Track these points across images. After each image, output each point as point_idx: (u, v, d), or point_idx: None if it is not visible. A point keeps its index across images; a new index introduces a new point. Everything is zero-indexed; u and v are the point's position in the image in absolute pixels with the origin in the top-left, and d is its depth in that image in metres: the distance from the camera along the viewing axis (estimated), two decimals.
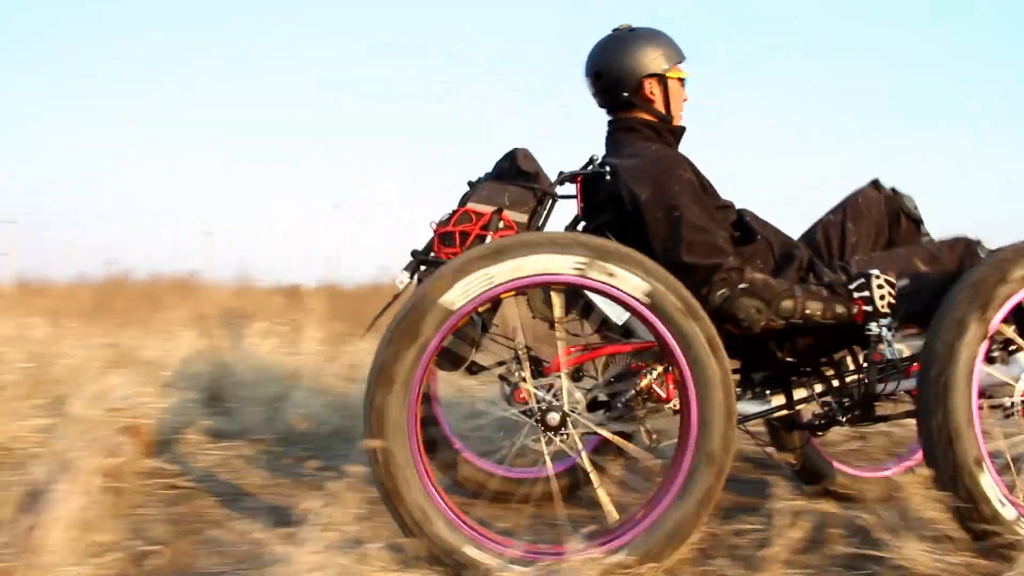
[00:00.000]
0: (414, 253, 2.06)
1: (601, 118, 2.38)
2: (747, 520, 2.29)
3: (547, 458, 1.97)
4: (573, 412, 1.92)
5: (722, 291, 1.95)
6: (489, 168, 2.21)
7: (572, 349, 2.01)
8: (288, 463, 3.17)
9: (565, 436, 1.92)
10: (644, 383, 1.97)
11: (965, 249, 2.18)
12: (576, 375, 2.06)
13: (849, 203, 2.33)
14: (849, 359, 2.22)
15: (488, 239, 1.97)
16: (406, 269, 2.04)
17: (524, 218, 2.04)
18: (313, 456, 3.22)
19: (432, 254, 2.05)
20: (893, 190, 2.35)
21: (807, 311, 1.98)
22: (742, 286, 1.96)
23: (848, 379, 2.19)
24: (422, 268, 2.06)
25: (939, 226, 2.33)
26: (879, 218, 2.29)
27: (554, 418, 1.90)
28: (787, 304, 1.97)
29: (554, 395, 1.92)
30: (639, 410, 2.00)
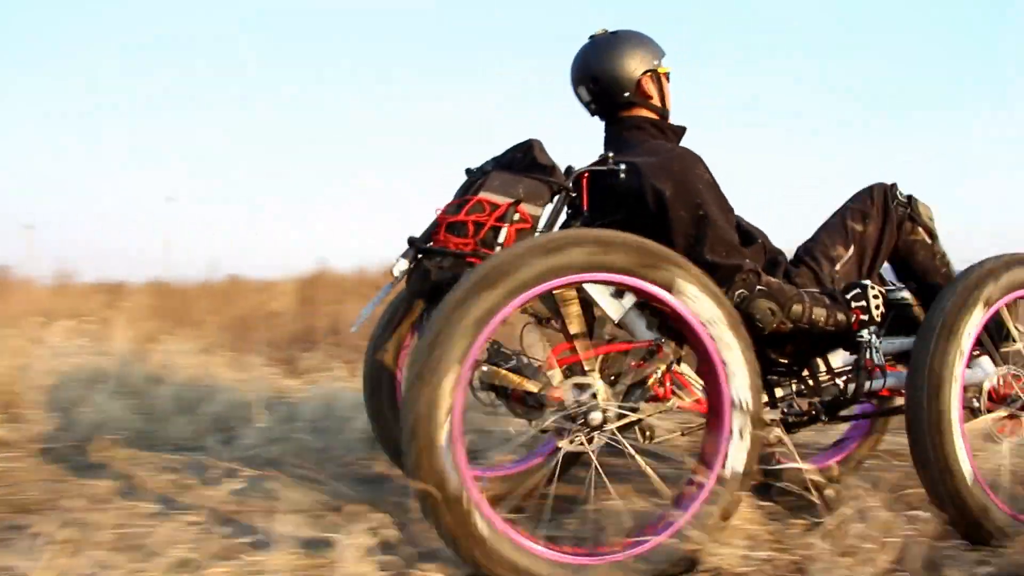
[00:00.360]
0: (411, 240, 1.95)
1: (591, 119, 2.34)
2: (558, 522, 2.16)
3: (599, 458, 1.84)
4: (609, 410, 1.81)
5: (741, 291, 1.95)
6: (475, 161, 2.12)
7: (562, 348, 1.91)
8: (75, 473, 2.82)
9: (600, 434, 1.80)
10: (651, 382, 1.89)
11: (884, 195, 2.29)
12: (568, 373, 1.91)
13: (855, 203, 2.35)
14: (820, 361, 2.22)
15: (503, 231, 1.89)
16: (403, 256, 1.94)
17: (539, 212, 1.96)
18: (103, 465, 2.89)
19: (431, 243, 1.96)
20: (909, 198, 2.35)
21: (813, 316, 2.03)
22: (760, 287, 1.98)
23: (830, 379, 2.20)
24: (419, 256, 1.95)
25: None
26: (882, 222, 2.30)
27: (596, 417, 1.78)
28: (797, 308, 2.01)
29: (592, 394, 1.80)
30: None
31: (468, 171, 2.11)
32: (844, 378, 2.18)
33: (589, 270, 1.69)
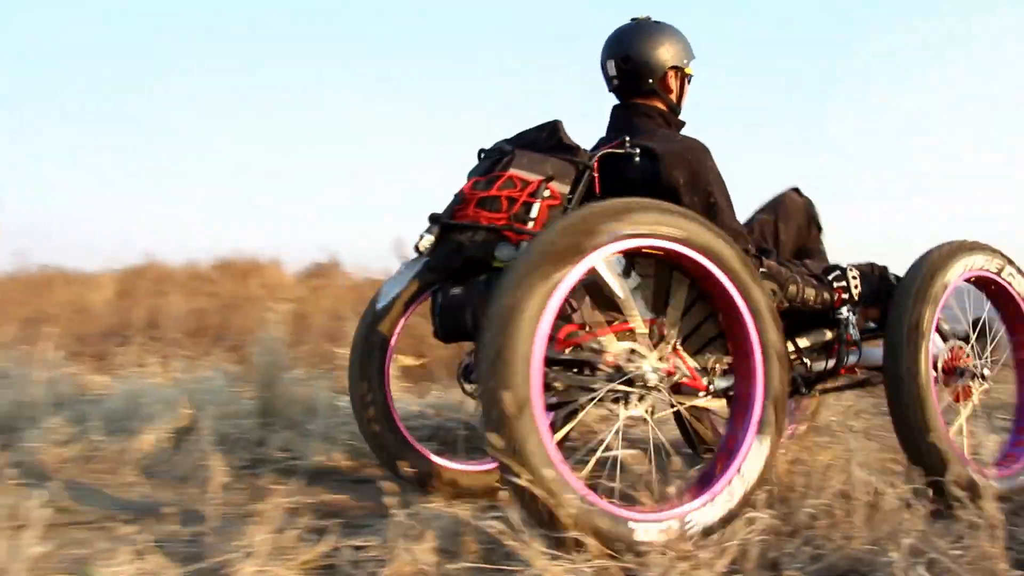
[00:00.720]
0: (435, 216, 1.97)
1: (593, 105, 2.39)
2: (374, 529, 1.90)
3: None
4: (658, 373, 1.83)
5: None
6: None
7: (570, 328, 1.89)
8: None
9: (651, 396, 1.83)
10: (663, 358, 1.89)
11: (883, 271, 2.45)
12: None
13: (778, 206, 2.51)
14: (788, 341, 2.29)
15: (535, 206, 1.91)
16: (428, 232, 1.96)
17: (566, 189, 1.98)
18: None
19: (451, 218, 1.96)
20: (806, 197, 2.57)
21: (804, 296, 2.20)
22: (763, 269, 2.10)
23: (797, 358, 2.29)
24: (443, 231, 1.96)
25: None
26: (801, 221, 2.48)
27: (653, 378, 1.81)
28: (793, 289, 2.17)
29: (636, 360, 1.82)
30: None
31: (481, 152, 2.12)
32: (811, 356, 2.31)
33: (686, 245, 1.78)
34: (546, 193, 1.93)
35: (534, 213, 1.90)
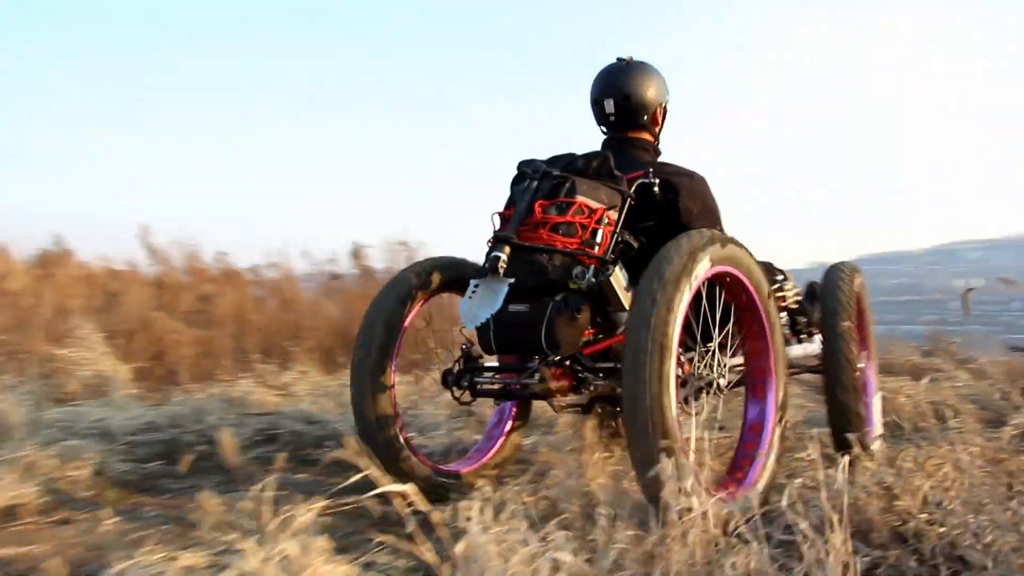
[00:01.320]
0: (505, 237, 2.04)
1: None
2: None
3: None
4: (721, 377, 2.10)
5: None
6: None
7: (587, 333, 2.13)
8: None
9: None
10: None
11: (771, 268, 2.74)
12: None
13: None
14: None
15: (599, 232, 2.09)
16: (500, 252, 2.02)
17: (616, 216, 2.15)
18: None
19: (517, 239, 2.05)
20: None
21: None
22: None
23: None
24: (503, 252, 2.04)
25: None
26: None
27: (722, 384, 2.08)
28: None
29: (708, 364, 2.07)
30: None
31: (522, 175, 2.20)
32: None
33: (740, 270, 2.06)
34: (605, 220, 2.11)
35: (599, 238, 2.08)
